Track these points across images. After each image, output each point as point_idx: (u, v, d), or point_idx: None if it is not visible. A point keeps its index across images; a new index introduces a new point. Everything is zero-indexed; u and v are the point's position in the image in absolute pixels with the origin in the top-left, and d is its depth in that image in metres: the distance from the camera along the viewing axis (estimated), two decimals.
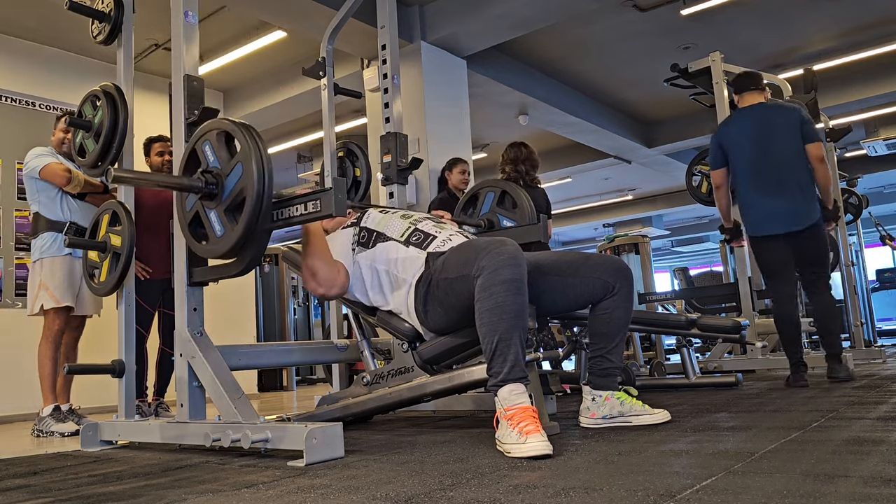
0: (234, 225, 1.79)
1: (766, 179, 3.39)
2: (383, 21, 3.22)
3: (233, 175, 1.78)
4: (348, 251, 2.22)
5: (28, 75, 5.14)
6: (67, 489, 1.52)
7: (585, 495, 1.10)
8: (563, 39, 6.46)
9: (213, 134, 1.85)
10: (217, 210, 1.83)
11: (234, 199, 1.78)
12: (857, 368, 4.54)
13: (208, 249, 1.89)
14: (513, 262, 1.73)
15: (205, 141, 1.87)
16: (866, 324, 8.65)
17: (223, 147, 1.83)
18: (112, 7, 2.60)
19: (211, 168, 1.84)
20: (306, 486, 1.34)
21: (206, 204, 1.86)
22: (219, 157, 1.83)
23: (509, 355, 1.68)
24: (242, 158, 1.75)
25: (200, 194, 1.84)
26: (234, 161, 1.78)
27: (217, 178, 1.82)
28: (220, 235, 1.83)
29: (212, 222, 1.85)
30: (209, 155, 1.85)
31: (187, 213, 1.92)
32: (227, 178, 1.80)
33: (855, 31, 6.67)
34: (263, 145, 1.76)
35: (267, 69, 6.47)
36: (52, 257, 3.25)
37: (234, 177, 1.78)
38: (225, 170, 1.81)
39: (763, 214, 3.40)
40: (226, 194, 1.80)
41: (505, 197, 2.92)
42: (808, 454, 1.37)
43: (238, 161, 1.76)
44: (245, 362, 2.34)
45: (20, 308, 4.57)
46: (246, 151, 1.74)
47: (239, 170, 1.76)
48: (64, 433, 3.06)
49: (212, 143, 1.85)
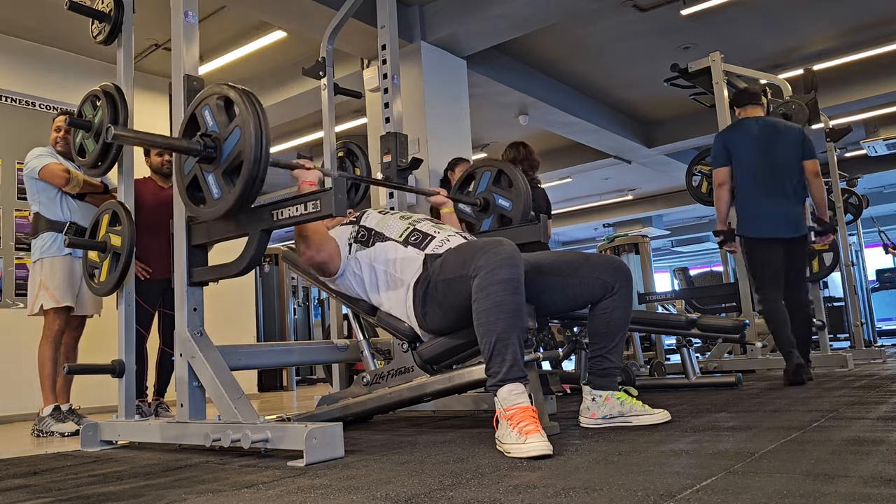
0: (231, 188, 1.81)
1: (769, 184, 3.52)
2: (383, 21, 3.22)
3: (231, 139, 1.80)
4: (344, 243, 2.25)
5: (28, 75, 5.14)
6: (67, 489, 1.52)
7: (585, 495, 1.10)
8: (563, 39, 6.46)
9: (213, 99, 1.87)
10: (215, 173, 1.85)
11: (231, 163, 1.81)
12: (857, 368, 4.54)
13: (205, 212, 1.91)
14: (510, 261, 1.73)
15: (205, 106, 1.89)
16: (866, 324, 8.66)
17: (222, 112, 1.85)
18: (112, 7, 2.60)
19: (210, 132, 1.86)
20: (306, 486, 1.34)
21: (204, 167, 1.88)
22: (218, 122, 1.85)
23: (507, 355, 1.68)
24: (241, 123, 1.77)
25: (199, 157, 1.86)
26: (233, 125, 1.80)
27: (216, 142, 1.84)
28: (217, 198, 1.85)
29: (209, 185, 1.88)
30: (208, 119, 1.87)
31: (185, 177, 1.94)
32: (226, 141, 1.82)
33: (855, 31, 6.66)
34: (262, 111, 1.78)
35: (267, 69, 6.47)
36: (52, 257, 3.25)
37: (232, 141, 1.80)
38: (223, 134, 1.83)
39: (764, 217, 3.51)
40: (223, 158, 1.83)
41: (501, 176, 2.92)
42: (808, 454, 1.37)
43: (236, 125, 1.78)
44: (245, 362, 2.34)
45: (20, 308, 4.57)
46: (244, 116, 1.76)
47: (237, 134, 1.78)
48: (64, 433, 3.06)
49: (211, 108, 1.87)
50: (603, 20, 6.08)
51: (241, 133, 1.76)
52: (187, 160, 1.93)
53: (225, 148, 1.82)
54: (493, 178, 2.91)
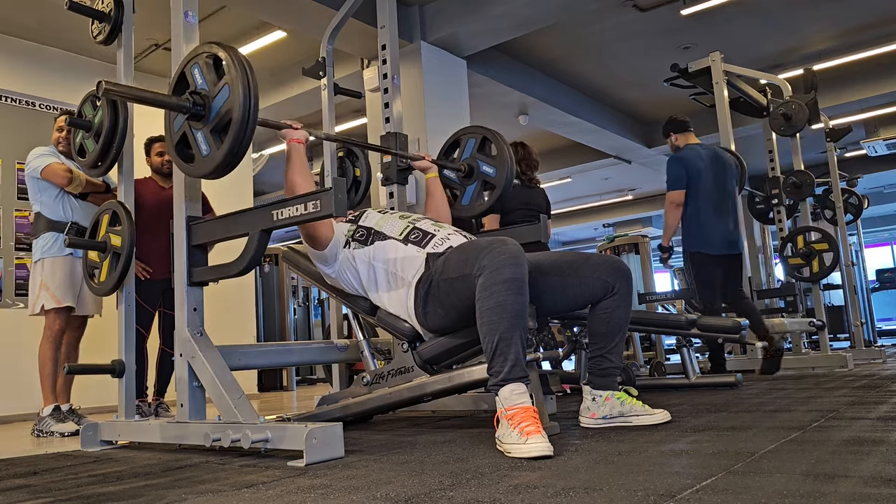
0: (219, 145, 1.82)
1: (719, 207, 3.98)
2: (383, 21, 3.22)
3: (220, 97, 1.81)
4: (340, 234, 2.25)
5: (28, 75, 5.13)
6: (67, 489, 1.52)
7: (585, 495, 1.10)
8: (563, 39, 6.46)
9: (202, 57, 1.88)
10: (203, 130, 1.86)
11: (220, 120, 1.81)
12: (857, 368, 4.54)
13: (195, 169, 1.92)
14: (514, 261, 1.73)
15: (194, 64, 1.90)
16: (866, 324, 8.67)
17: (212, 70, 1.86)
18: (112, 7, 2.60)
19: (199, 90, 1.87)
20: (306, 486, 1.34)
21: (193, 125, 1.89)
22: (207, 80, 1.86)
23: (510, 354, 1.68)
24: (230, 81, 1.78)
25: (188, 114, 1.87)
26: (222, 83, 1.81)
27: (204, 100, 1.85)
28: (206, 155, 1.86)
29: (198, 142, 1.88)
30: (198, 78, 1.88)
31: (175, 134, 1.96)
32: (215, 99, 1.83)
33: (855, 31, 6.66)
34: (251, 69, 1.79)
35: (267, 69, 6.47)
36: (53, 257, 3.25)
37: (221, 98, 1.81)
38: (212, 92, 1.84)
39: (716, 236, 3.95)
40: (212, 115, 1.84)
41: (486, 143, 2.92)
42: (808, 454, 1.37)
43: (225, 83, 1.79)
44: (245, 362, 2.34)
45: (20, 308, 4.57)
46: (233, 74, 1.77)
47: (226, 92, 1.79)
48: (64, 433, 3.06)
49: (201, 67, 1.88)
50: (603, 20, 6.08)
51: (230, 91, 1.78)
52: (177, 118, 1.94)
53: (214, 106, 1.83)
54: (477, 144, 2.92)
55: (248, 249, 1.90)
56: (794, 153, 5.81)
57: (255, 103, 1.76)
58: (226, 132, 1.79)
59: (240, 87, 1.74)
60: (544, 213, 4.10)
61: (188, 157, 1.93)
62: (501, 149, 2.83)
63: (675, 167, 3.98)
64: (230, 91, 1.77)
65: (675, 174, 3.97)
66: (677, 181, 3.96)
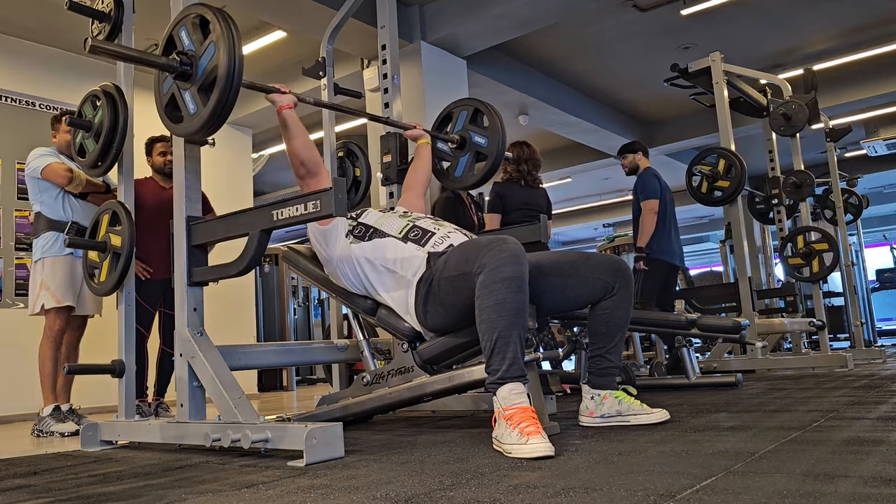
0: (206, 102, 1.85)
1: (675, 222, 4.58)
2: (383, 21, 3.22)
3: (205, 56, 1.86)
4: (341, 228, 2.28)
5: (28, 75, 5.14)
6: (67, 489, 1.52)
7: (585, 495, 1.10)
8: (563, 39, 6.46)
9: (189, 19, 1.92)
10: (191, 90, 1.90)
11: (206, 78, 1.85)
12: (857, 368, 4.54)
13: (183, 128, 1.95)
14: (514, 259, 1.73)
15: (181, 26, 1.94)
16: (866, 324, 8.66)
17: (198, 31, 1.91)
18: (112, 7, 2.60)
19: (186, 51, 1.91)
20: (306, 486, 1.34)
21: (180, 85, 1.93)
22: (193, 41, 1.90)
23: (508, 353, 1.67)
24: (215, 39, 1.82)
25: (175, 74, 1.90)
26: (207, 42, 1.85)
27: (191, 59, 1.89)
28: (193, 113, 1.89)
29: (186, 102, 1.92)
30: (185, 39, 1.93)
31: (164, 96, 1.98)
32: (201, 59, 1.87)
33: (855, 31, 6.66)
34: (236, 28, 1.84)
35: (267, 69, 6.46)
36: (53, 257, 3.25)
37: (207, 57, 1.85)
38: (199, 51, 1.88)
39: (675, 249, 4.49)
40: (199, 74, 1.87)
41: (477, 115, 2.94)
42: (808, 454, 1.37)
43: (211, 41, 1.84)
44: (245, 362, 2.34)
45: (20, 308, 4.57)
46: (218, 33, 1.81)
47: (212, 50, 1.83)
48: (64, 433, 3.06)
49: (187, 28, 1.92)
50: (603, 20, 6.08)
51: (215, 49, 1.81)
52: (166, 79, 1.97)
53: (200, 64, 1.87)
54: (469, 116, 2.94)
55: (248, 249, 1.90)
56: (794, 153, 5.81)
57: (239, 60, 1.81)
58: (212, 90, 1.83)
59: (224, 44, 1.79)
60: (545, 213, 4.10)
61: (177, 118, 1.97)
62: (493, 119, 2.86)
63: (651, 180, 4.50)
64: (215, 48, 1.82)
65: (653, 185, 4.46)
66: (655, 192, 4.42)
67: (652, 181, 4.47)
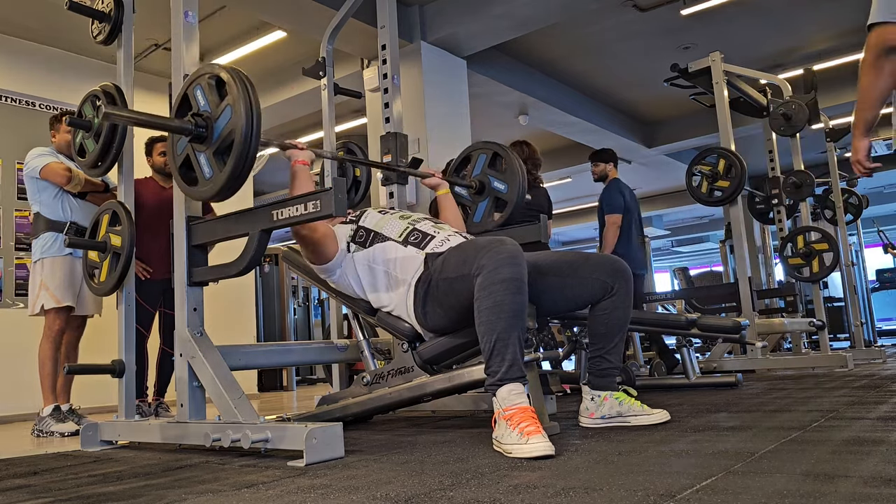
0: (222, 167, 1.81)
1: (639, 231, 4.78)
2: (383, 21, 3.22)
3: (222, 118, 1.81)
4: (342, 237, 2.24)
5: (28, 75, 5.13)
6: (67, 489, 1.52)
7: (585, 495, 1.10)
8: (563, 39, 6.46)
9: (204, 79, 1.88)
10: (206, 153, 1.85)
11: (223, 142, 1.81)
12: (857, 368, 4.54)
13: (198, 192, 1.91)
14: (512, 260, 1.72)
15: (196, 86, 1.89)
16: (866, 324, 8.66)
17: (214, 92, 1.85)
18: (112, 7, 2.60)
19: (202, 111, 1.87)
20: (306, 486, 1.34)
21: (195, 147, 1.88)
22: (209, 102, 1.86)
23: (507, 354, 1.67)
24: (232, 101, 1.77)
25: (190, 136, 1.87)
26: (224, 104, 1.80)
27: (207, 121, 1.84)
28: (209, 177, 1.85)
29: (201, 165, 1.88)
30: (200, 100, 1.88)
31: (178, 157, 1.95)
32: (217, 121, 1.82)
33: (855, 31, 6.66)
34: (253, 90, 1.79)
35: (267, 69, 6.46)
36: (52, 257, 3.25)
37: (224, 120, 1.80)
38: (215, 113, 1.83)
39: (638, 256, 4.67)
40: (215, 137, 1.82)
41: (497, 159, 2.88)
42: (808, 454, 1.37)
43: (227, 104, 1.79)
44: (245, 362, 2.33)
45: (20, 308, 4.57)
46: (235, 95, 1.76)
47: (228, 113, 1.78)
48: (64, 433, 3.06)
49: (203, 88, 1.88)
50: (603, 20, 6.08)
51: (232, 112, 1.77)
52: (180, 140, 1.94)
53: (216, 127, 1.82)
54: (488, 160, 2.89)
55: (248, 249, 1.90)
56: (794, 153, 5.81)
57: (257, 123, 1.75)
58: (228, 153, 1.78)
59: (242, 107, 1.74)
60: (545, 212, 4.10)
61: (191, 179, 1.93)
62: (512, 164, 2.80)
63: (616, 196, 4.65)
64: (232, 112, 1.76)
65: (617, 201, 4.63)
66: (619, 207, 4.62)
67: (617, 197, 4.66)
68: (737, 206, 4.76)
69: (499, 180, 2.83)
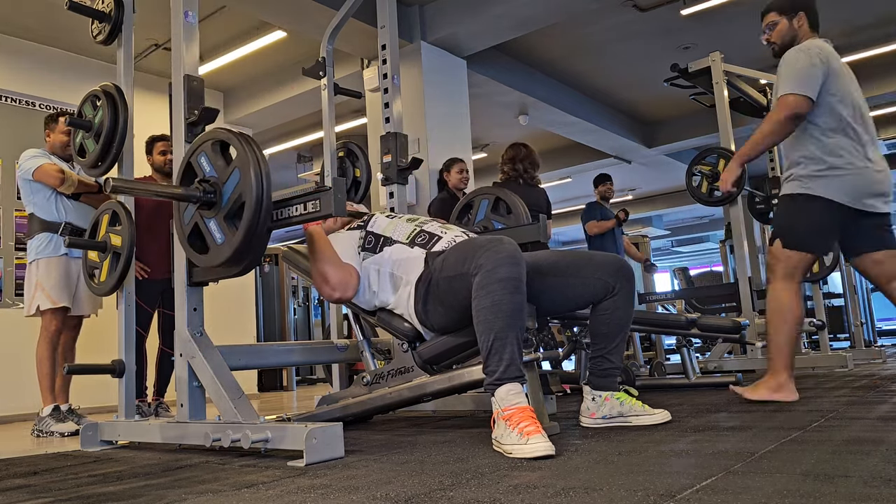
0: (234, 231, 1.78)
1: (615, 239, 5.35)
2: (383, 21, 3.22)
3: (230, 181, 1.79)
4: (355, 253, 2.20)
5: (28, 75, 5.14)
6: (67, 489, 1.52)
7: (585, 495, 1.10)
8: (563, 39, 6.46)
9: (207, 145, 1.86)
10: (216, 218, 1.83)
11: (233, 205, 1.78)
12: (857, 368, 4.54)
13: (209, 259, 1.88)
14: (511, 260, 1.72)
15: (200, 153, 1.88)
16: (866, 324, 8.66)
17: (219, 156, 1.84)
18: (112, 7, 2.60)
19: (208, 177, 1.84)
20: (306, 486, 1.34)
21: (204, 214, 1.86)
22: (215, 166, 1.84)
23: (505, 354, 1.67)
24: (239, 164, 1.76)
25: (199, 203, 1.84)
26: (231, 167, 1.78)
27: (215, 187, 1.82)
28: (221, 243, 1.82)
29: (211, 231, 1.85)
30: (205, 166, 1.86)
31: (186, 227, 1.92)
32: (225, 185, 1.80)
33: (855, 31, 6.66)
34: (259, 149, 1.77)
35: (267, 69, 6.46)
36: (47, 258, 3.25)
37: (232, 183, 1.78)
38: (222, 177, 1.81)
39: None
40: (224, 201, 1.80)
41: (499, 203, 2.91)
42: (808, 454, 1.37)
43: (235, 167, 1.77)
44: (245, 362, 2.34)
45: (20, 308, 4.57)
46: (242, 157, 1.74)
47: (236, 175, 1.76)
48: (64, 433, 3.06)
49: (207, 154, 1.86)
50: (603, 20, 6.08)
51: (240, 174, 1.75)
52: (187, 209, 1.91)
53: (225, 191, 1.80)
54: (490, 205, 2.92)
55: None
56: None
57: (268, 182, 1.73)
58: (239, 217, 1.75)
59: (251, 168, 1.71)
60: (544, 212, 4.10)
61: (201, 248, 1.90)
62: (516, 206, 2.83)
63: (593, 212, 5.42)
64: (241, 174, 1.74)
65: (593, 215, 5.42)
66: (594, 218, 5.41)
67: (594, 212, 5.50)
68: (737, 206, 4.77)
69: (503, 223, 2.87)
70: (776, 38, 2.69)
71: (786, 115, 2.44)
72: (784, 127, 2.48)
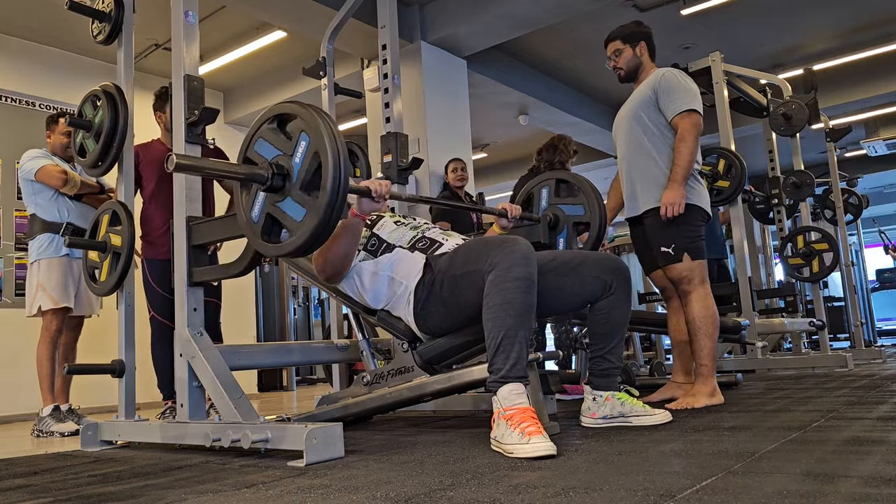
0: (315, 197, 1.62)
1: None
2: (383, 21, 3.22)
3: (298, 150, 1.66)
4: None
5: (28, 75, 5.14)
6: (67, 489, 1.52)
7: (585, 495, 1.10)
8: (563, 39, 6.46)
9: (264, 129, 1.76)
10: (291, 195, 1.68)
11: (307, 172, 1.64)
12: (857, 368, 4.54)
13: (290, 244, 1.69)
14: (525, 260, 1.73)
15: (256, 141, 1.77)
16: (866, 324, 8.67)
17: (279, 134, 1.73)
18: (112, 7, 2.60)
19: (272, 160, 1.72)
20: (306, 486, 1.34)
21: (275, 199, 1.71)
22: (276, 145, 1.72)
23: (512, 353, 1.67)
24: (305, 126, 1.64)
25: (266, 185, 1.70)
26: (297, 135, 1.67)
27: (282, 165, 1.69)
28: (301, 220, 1.65)
29: (287, 212, 1.69)
30: (265, 152, 1.74)
31: (256, 225, 1.76)
32: (293, 157, 1.67)
33: (855, 31, 6.66)
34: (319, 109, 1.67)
35: (267, 69, 6.46)
36: (49, 258, 3.25)
37: (301, 151, 1.65)
38: (287, 151, 1.69)
39: None
40: (296, 173, 1.67)
41: (560, 185, 2.76)
42: (808, 454, 1.37)
43: (300, 130, 1.66)
44: (245, 362, 2.33)
45: (20, 308, 4.57)
46: (307, 118, 1.64)
47: (304, 140, 1.64)
48: (64, 433, 3.06)
49: (265, 138, 1.75)
50: (603, 20, 6.06)
51: (309, 134, 1.63)
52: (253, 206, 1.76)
53: (294, 165, 1.67)
54: (553, 190, 2.74)
55: (248, 250, 1.90)
56: (794, 153, 5.81)
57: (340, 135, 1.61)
58: (317, 182, 1.61)
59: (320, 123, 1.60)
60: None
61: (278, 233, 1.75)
62: (582, 183, 2.66)
63: None
64: (310, 133, 1.63)
65: None
66: None
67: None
68: (737, 206, 4.77)
69: (570, 205, 2.70)
70: (622, 63, 3.06)
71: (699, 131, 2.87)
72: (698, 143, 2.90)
